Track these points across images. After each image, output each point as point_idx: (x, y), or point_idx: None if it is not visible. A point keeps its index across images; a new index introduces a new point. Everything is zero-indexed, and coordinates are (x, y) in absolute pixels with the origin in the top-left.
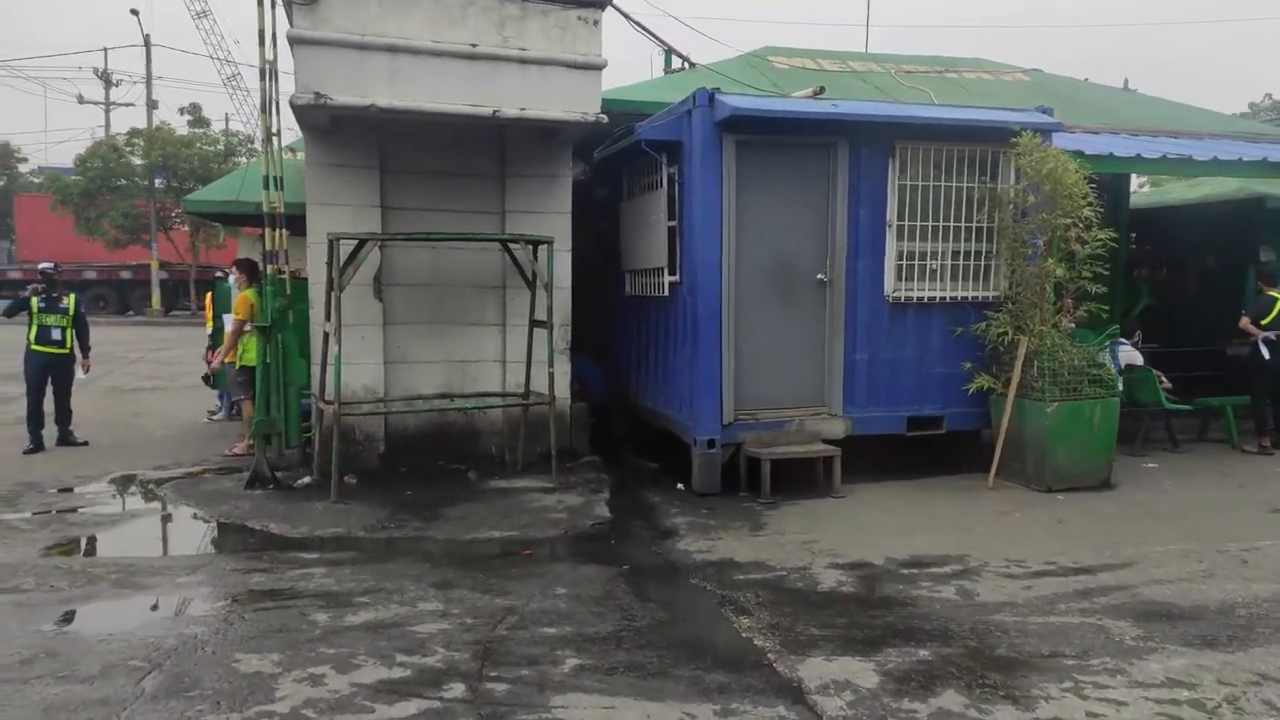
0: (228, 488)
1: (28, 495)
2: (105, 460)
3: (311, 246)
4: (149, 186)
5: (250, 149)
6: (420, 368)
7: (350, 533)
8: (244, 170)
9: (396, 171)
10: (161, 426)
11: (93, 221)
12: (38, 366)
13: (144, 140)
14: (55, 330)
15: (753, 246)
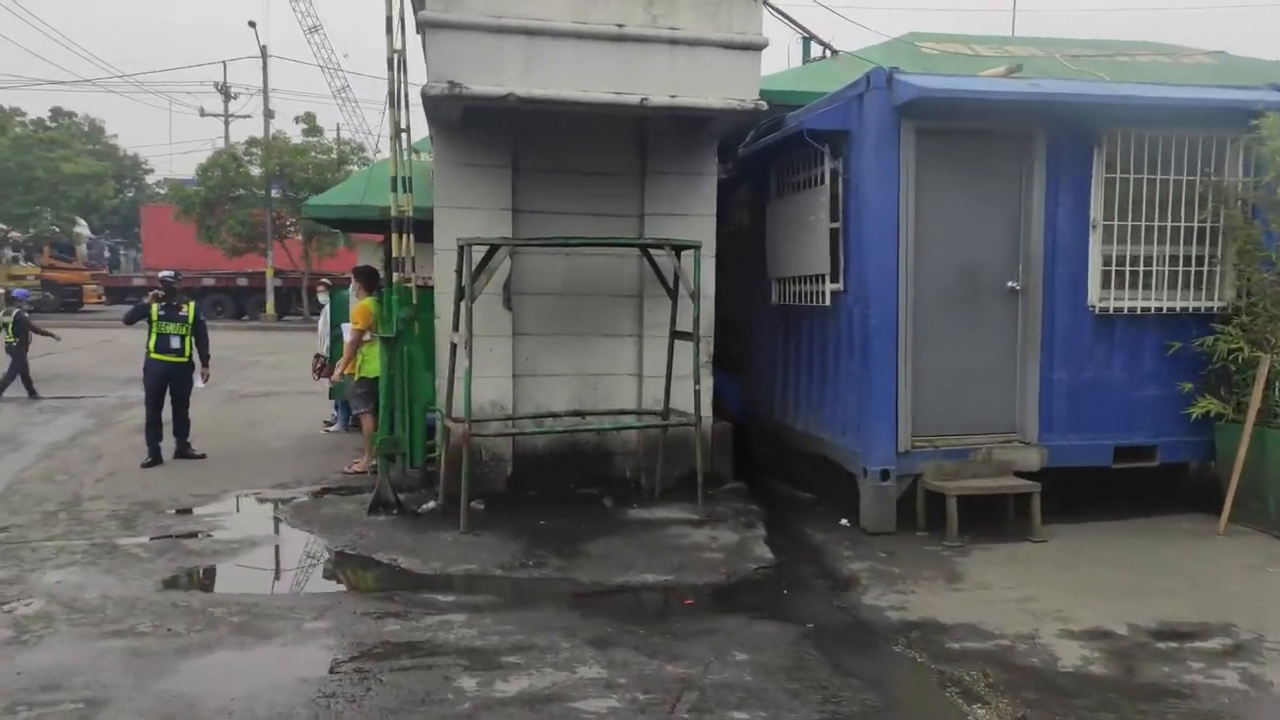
0: (349, 512)
1: (145, 516)
2: (223, 476)
3: (439, 253)
4: (265, 196)
5: (362, 158)
6: (549, 382)
7: (485, 570)
8: (367, 172)
9: (527, 171)
10: (277, 437)
11: (213, 230)
12: (156, 375)
13: (261, 149)
14: (175, 338)
15: (933, 250)
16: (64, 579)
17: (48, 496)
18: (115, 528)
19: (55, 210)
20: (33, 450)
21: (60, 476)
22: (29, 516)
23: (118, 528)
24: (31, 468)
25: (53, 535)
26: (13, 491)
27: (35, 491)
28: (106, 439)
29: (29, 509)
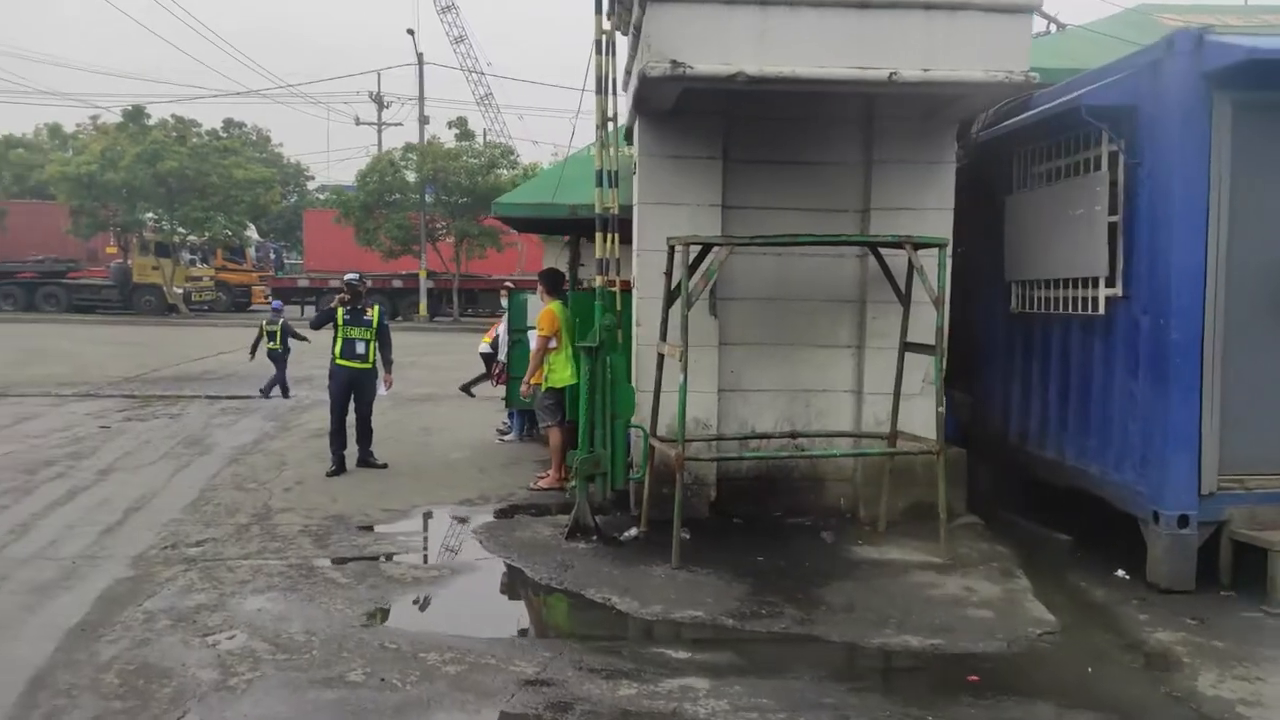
0: (546, 537)
1: (337, 532)
2: (407, 489)
3: (642, 254)
4: (420, 200)
5: (511, 161)
6: (756, 397)
7: (714, 618)
8: (559, 168)
9: (736, 163)
10: (455, 446)
11: (370, 233)
12: (341, 383)
13: (416, 154)
14: (360, 344)
15: (1251, 249)
16: (265, 607)
17: (239, 507)
18: (309, 545)
19: (228, 215)
20: (220, 454)
21: (249, 484)
22: (223, 529)
23: (311, 545)
24: (220, 473)
25: (248, 553)
26: (205, 500)
27: (226, 500)
28: (288, 444)
29: (222, 520)
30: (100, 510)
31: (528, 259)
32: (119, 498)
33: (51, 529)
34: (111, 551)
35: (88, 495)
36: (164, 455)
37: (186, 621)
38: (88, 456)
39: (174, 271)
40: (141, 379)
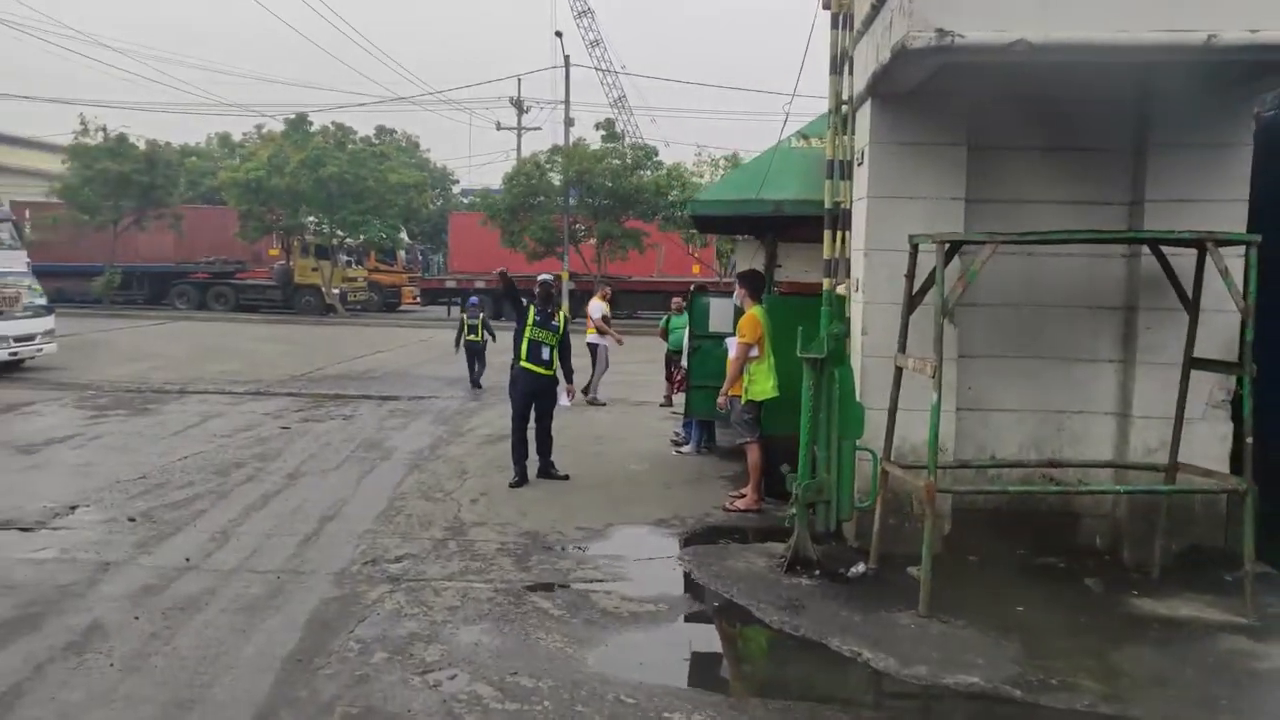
0: (761, 568)
1: (536, 553)
2: (595, 505)
3: (870, 253)
4: (564, 202)
5: (655, 162)
6: (997, 418)
7: (993, 685)
8: (766, 160)
9: (981, 150)
10: (632, 457)
11: (515, 235)
12: (523, 389)
13: (562, 157)
14: (545, 349)
15: None
16: (481, 640)
17: (431, 519)
18: (510, 566)
19: (382, 218)
20: (400, 460)
21: (436, 494)
22: (420, 544)
23: (513, 566)
24: (405, 481)
25: (451, 573)
26: (395, 510)
27: (417, 511)
28: (464, 450)
29: (417, 533)
30: (295, 518)
31: (666, 261)
32: (311, 505)
33: (251, 537)
34: (314, 565)
35: (280, 501)
36: (346, 459)
37: (402, 655)
38: (274, 459)
39: (332, 273)
40: (308, 377)
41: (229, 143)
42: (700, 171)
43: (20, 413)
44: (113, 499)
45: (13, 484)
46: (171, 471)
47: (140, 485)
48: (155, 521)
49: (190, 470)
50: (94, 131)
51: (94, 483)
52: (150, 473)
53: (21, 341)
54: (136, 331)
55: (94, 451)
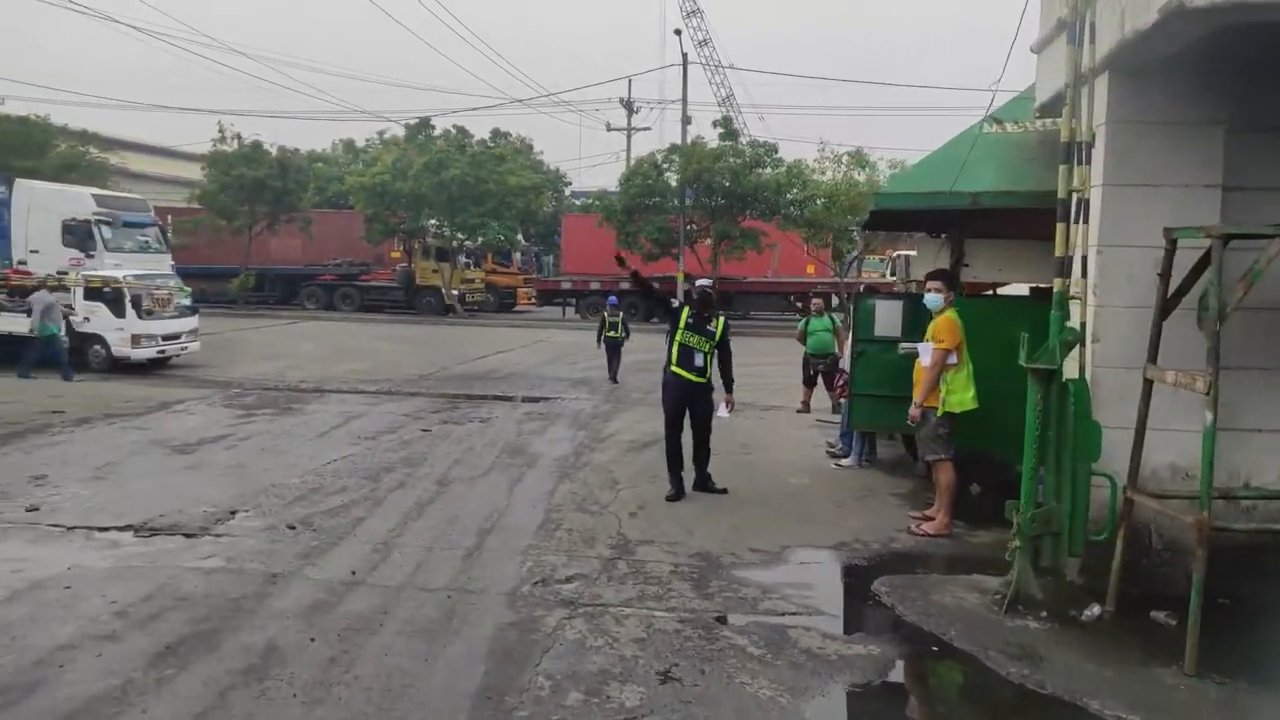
0: (974, 606)
1: (714, 578)
2: (763, 523)
3: (1104, 250)
4: (680, 202)
5: (775, 160)
6: (1256, 440)
7: None
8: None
9: (1241, 131)
10: (787, 469)
11: (631, 236)
12: (675, 396)
13: (679, 156)
14: (698, 354)
15: None
16: (683, 682)
17: (593, 535)
18: (690, 592)
19: (500, 220)
20: (546, 468)
21: (591, 506)
22: (588, 563)
23: (692, 593)
24: (557, 491)
25: (627, 598)
26: (553, 522)
27: (576, 525)
28: (610, 458)
29: (581, 550)
30: (453, 530)
31: (781, 261)
32: (466, 515)
33: (412, 550)
34: (482, 584)
35: (435, 510)
36: (493, 466)
37: (599, 697)
38: (420, 463)
39: (452, 274)
40: (435, 376)
41: (353, 148)
42: (823, 169)
43: (173, 410)
44: (270, 504)
45: (173, 486)
46: (323, 475)
47: (295, 490)
48: (315, 530)
49: (341, 474)
50: (230, 139)
51: (249, 486)
52: (303, 476)
53: (169, 340)
54: (270, 331)
55: (246, 452)
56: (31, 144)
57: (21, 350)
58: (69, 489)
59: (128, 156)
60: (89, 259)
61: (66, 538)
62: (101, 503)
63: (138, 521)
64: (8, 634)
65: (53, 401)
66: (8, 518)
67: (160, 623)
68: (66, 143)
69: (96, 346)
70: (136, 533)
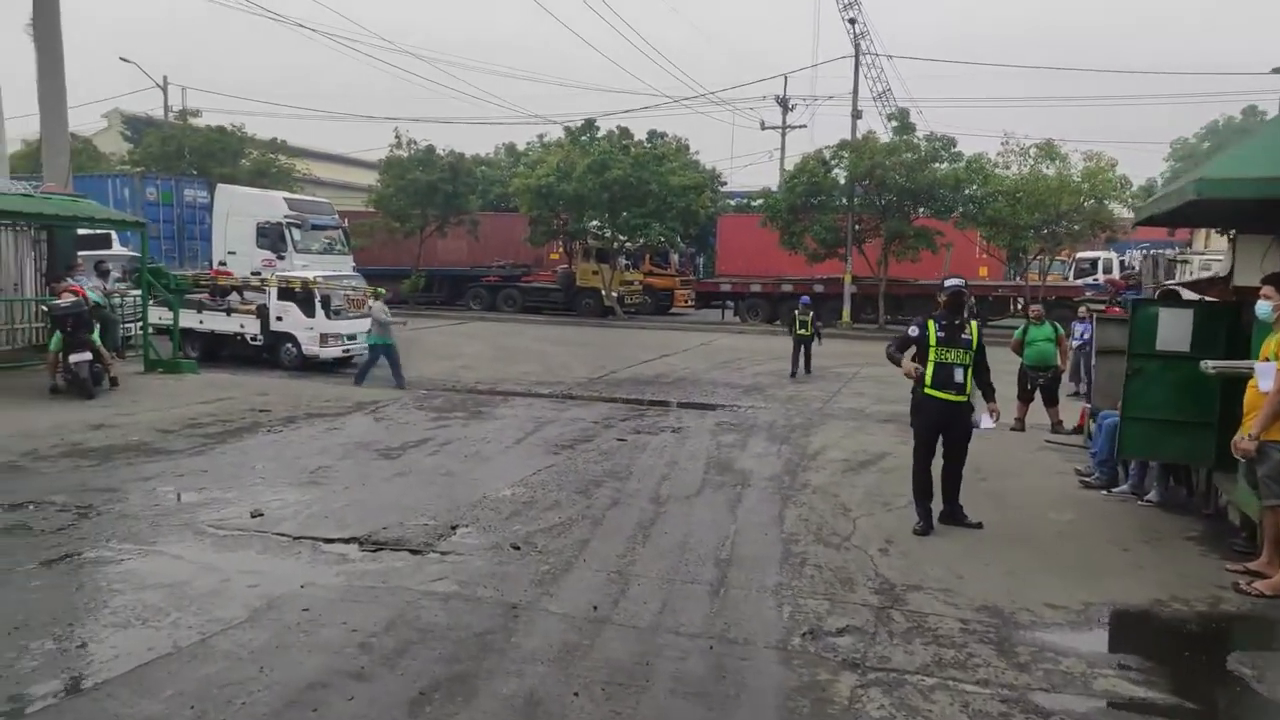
0: None
1: (1010, 638)
2: (1038, 568)
3: None
4: (849, 200)
5: (953, 153)
6: None
7: None
8: None
9: None
10: (1040, 500)
11: (796, 236)
12: (931, 419)
13: (849, 152)
14: (958, 370)
15: None
16: None
17: (848, 574)
18: (997, 661)
19: (661, 221)
20: (763, 489)
21: (831, 537)
22: (855, 612)
23: (1001, 661)
24: (785, 516)
25: (923, 664)
26: (796, 557)
27: (824, 561)
28: (827, 478)
29: (842, 595)
30: (687, 558)
31: (954, 261)
32: (695, 541)
33: (650, 582)
34: (743, 631)
35: (659, 533)
36: (704, 483)
37: None
38: (626, 477)
39: (612, 276)
40: (604, 380)
41: (514, 152)
42: (1007, 162)
43: (369, 412)
44: (487, 519)
45: (387, 494)
46: (532, 487)
47: (508, 503)
48: (541, 551)
49: (549, 487)
50: (405, 144)
51: (462, 496)
52: (512, 488)
53: (354, 340)
54: (439, 331)
55: (449, 459)
56: (227, 152)
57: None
58: (288, 493)
59: (311, 164)
60: (280, 260)
61: (293, 549)
62: (321, 510)
63: (361, 534)
64: (256, 663)
65: (260, 400)
66: (235, 523)
67: (408, 660)
68: (258, 150)
69: (288, 345)
70: (362, 546)
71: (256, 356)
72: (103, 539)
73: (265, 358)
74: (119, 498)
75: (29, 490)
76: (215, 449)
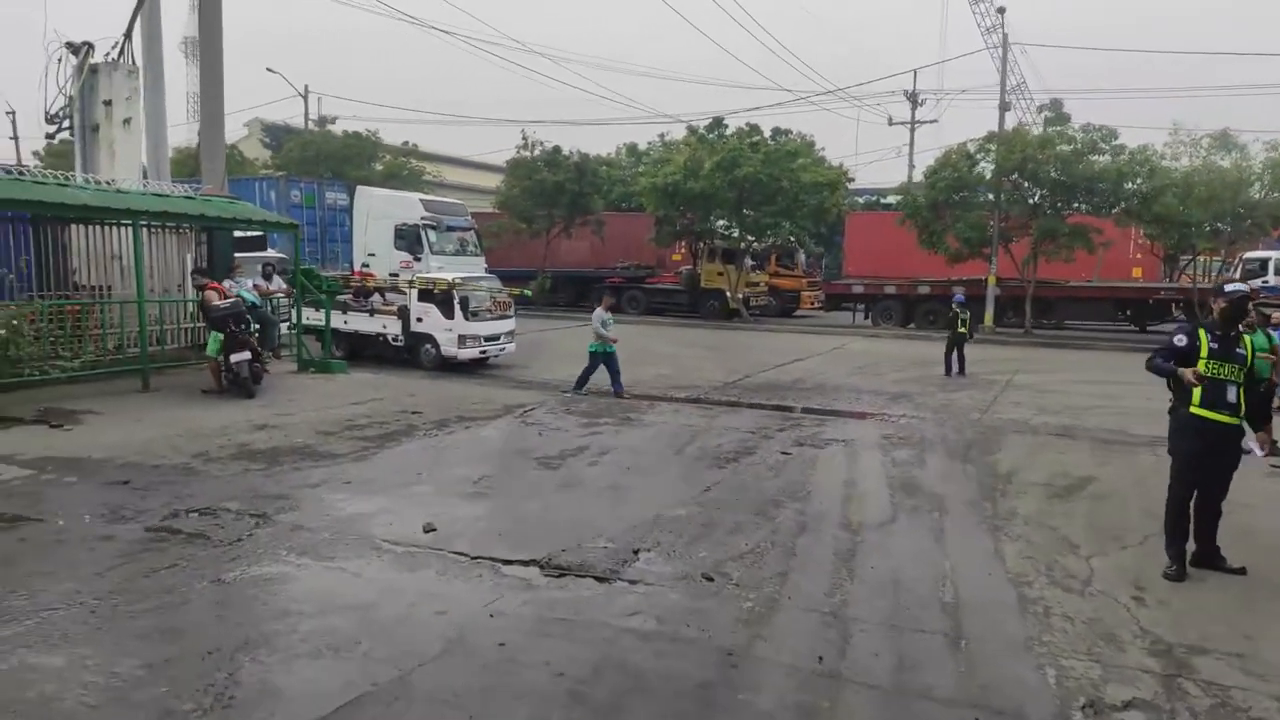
0: None
1: None
2: None
3: None
4: (995, 197)
5: (1115, 146)
6: None
7: None
8: None
9: None
10: (1268, 529)
11: (937, 235)
12: (1196, 445)
13: (997, 145)
14: (1230, 388)
15: None
16: None
17: (1106, 629)
18: None
19: (792, 220)
20: (963, 515)
21: (1066, 580)
22: (1135, 680)
23: None
24: (1003, 552)
25: None
26: (1034, 602)
27: (1070, 610)
28: (1036, 507)
29: (1110, 656)
30: (909, 602)
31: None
32: (910, 580)
33: (876, 630)
34: (1008, 700)
35: (865, 569)
36: (895, 507)
37: None
38: (803, 497)
39: (738, 277)
40: (740, 385)
41: (635, 152)
42: (1176, 154)
43: (519, 416)
44: (669, 542)
45: (557, 509)
46: (706, 506)
47: (686, 525)
48: (738, 585)
49: (724, 506)
50: (532, 145)
51: (635, 514)
52: (686, 507)
53: (490, 341)
54: (567, 332)
55: (611, 470)
56: (361, 156)
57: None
58: (456, 506)
59: (440, 168)
60: (416, 261)
61: (473, 571)
62: (493, 526)
63: (541, 555)
64: (462, 710)
65: (410, 401)
66: (410, 538)
67: (628, 716)
68: (390, 155)
69: (427, 346)
70: (544, 570)
71: (396, 357)
72: (280, 551)
73: (405, 358)
74: (290, 505)
75: (205, 495)
76: (376, 454)
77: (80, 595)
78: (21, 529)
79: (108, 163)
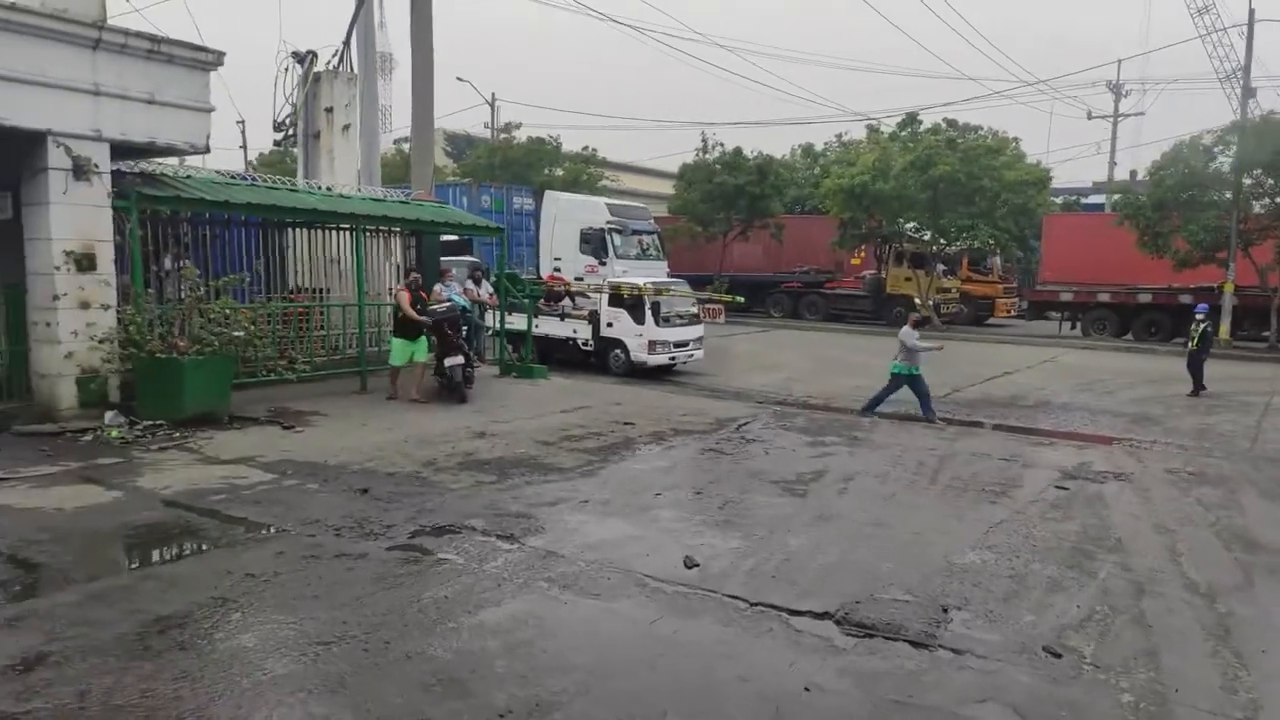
0: None
1: None
2: None
3: None
4: (1234, 194)
5: None
6: None
7: None
8: None
9: None
10: None
11: (1162, 238)
12: None
13: (1240, 136)
14: None
15: None
16: None
17: None
18: None
19: (990, 221)
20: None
21: None
22: None
23: None
24: None
25: None
26: None
27: None
28: None
29: None
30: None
31: None
32: None
33: None
34: None
35: (1249, 651)
36: (1239, 567)
37: None
38: (1114, 547)
39: (929, 283)
40: (950, 400)
41: (811, 153)
42: None
43: (736, 430)
44: (978, 598)
45: (825, 548)
46: (1000, 553)
47: (987, 576)
48: (1096, 666)
49: (1021, 553)
50: (712, 147)
51: (918, 558)
52: (975, 551)
53: (679, 348)
54: (746, 339)
55: (865, 500)
56: (543, 162)
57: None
58: (710, 536)
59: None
60: (601, 265)
61: (760, 623)
62: (761, 565)
63: (833, 607)
64: None
65: (617, 410)
66: (673, 574)
67: None
68: (571, 161)
69: (617, 351)
70: (841, 627)
71: (584, 361)
72: (540, 583)
73: (593, 362)
74: (535, 527)
75: (446, 510)
76: (602, 469)
77: (348, 627)
78: (275, 542)
79: (327, 168)
